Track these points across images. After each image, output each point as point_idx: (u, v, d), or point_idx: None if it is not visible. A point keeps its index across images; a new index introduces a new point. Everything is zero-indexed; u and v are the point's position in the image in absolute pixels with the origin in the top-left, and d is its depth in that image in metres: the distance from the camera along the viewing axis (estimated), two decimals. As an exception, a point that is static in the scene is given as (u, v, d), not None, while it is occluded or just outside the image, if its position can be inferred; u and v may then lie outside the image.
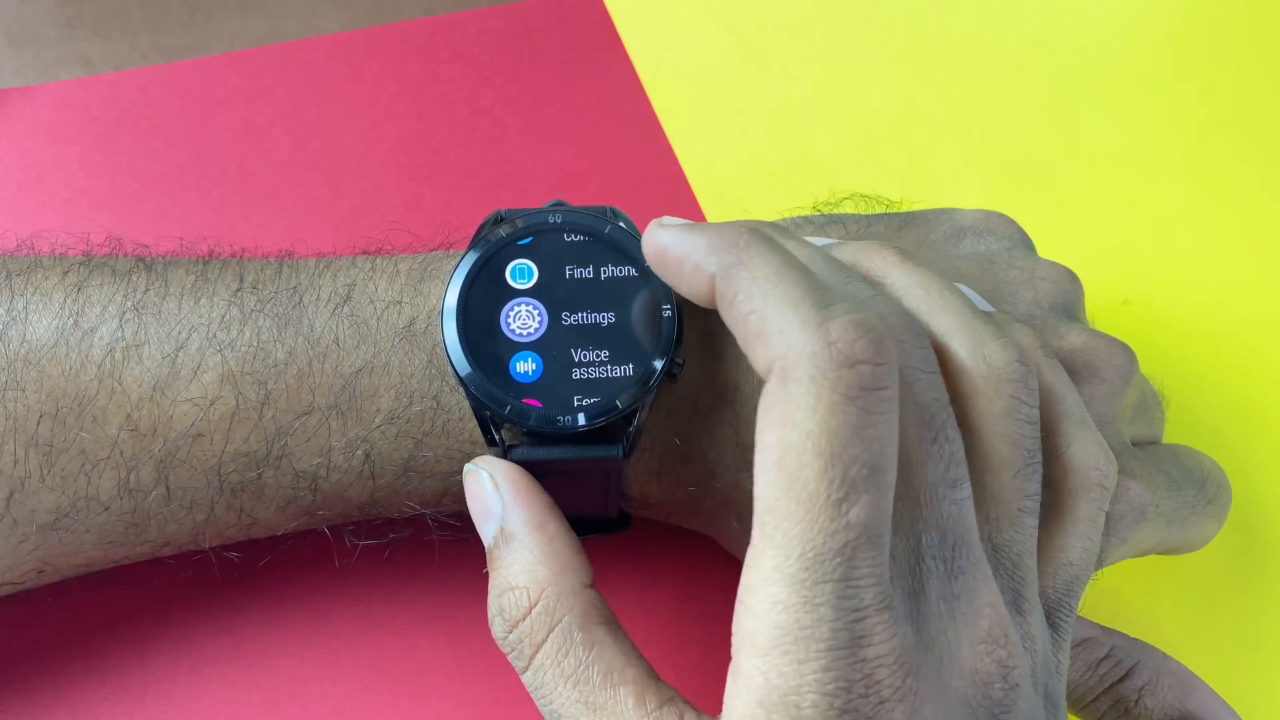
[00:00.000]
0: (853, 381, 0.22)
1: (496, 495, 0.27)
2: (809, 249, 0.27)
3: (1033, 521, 0.25)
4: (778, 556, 0.21)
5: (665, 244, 0.25)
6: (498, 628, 0.26)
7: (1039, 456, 0.25)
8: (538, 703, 0.25)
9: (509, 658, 0.26)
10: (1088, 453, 0.27)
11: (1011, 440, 0.25)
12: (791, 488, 0.21)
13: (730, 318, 0.24)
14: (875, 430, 0.22)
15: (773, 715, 0.21)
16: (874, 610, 0.21)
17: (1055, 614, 0.26)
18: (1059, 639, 0.26)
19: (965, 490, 0.24)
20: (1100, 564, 0.29)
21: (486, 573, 0.27)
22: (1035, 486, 0.25)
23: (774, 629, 0.21)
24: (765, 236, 0.25)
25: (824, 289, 0.23)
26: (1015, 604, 0.24)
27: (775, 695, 0.21)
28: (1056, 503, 0.26)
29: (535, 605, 0.25)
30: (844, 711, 0.21)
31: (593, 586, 0.26)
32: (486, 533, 0.27)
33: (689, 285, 0.25)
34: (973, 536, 0.23)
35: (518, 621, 0.25)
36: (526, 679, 0.25)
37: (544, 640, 0.25)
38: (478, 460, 0.27)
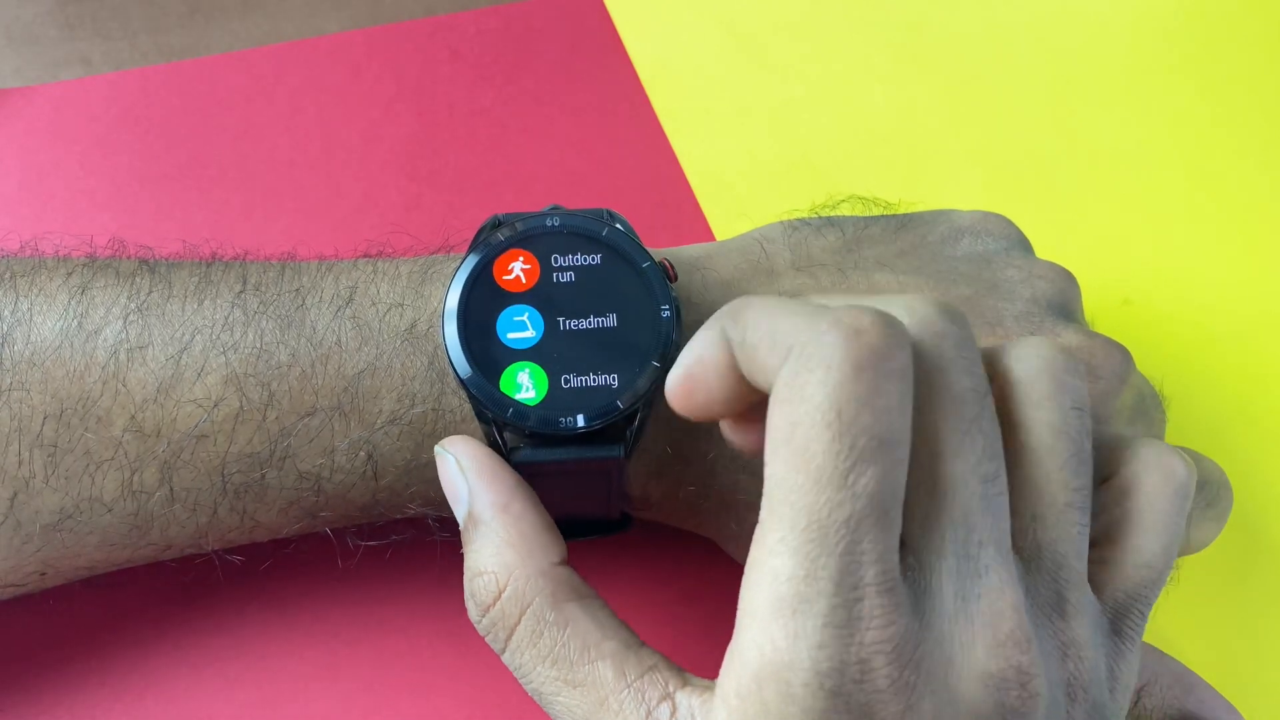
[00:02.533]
0: (861, 354, 0.21)
1: (462, 478, 0.27)
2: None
3: (1079, 518, 0.24)
4: (783, 529, 0.21)
5: (683, 360, 0.24)
6: (472, 612, 0.26)
7: (1088, 447, 0.24)
8: (520, 681, 0.25)
9: (486, 640, 0.26)
10: (1157, 450, 0.26)
11: (1057, 428, 0.24)
12: (799, 461, 0.21)
13: (746, 354, 0.23)
14: (884, 402, 0.21)
15: (765, 689, 0.21)
16: (874, 591, 0.21)
17: (1122, 619, 0.25)
18: (1122, 647, 0.24)
19: (998, 486, 0.23)
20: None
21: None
22: (1083, 480, 0.24)
23: (774, 601, 0.21)
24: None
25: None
26: (1057, 607, 0.23)
27: (769, 669, 0.21)
28: (1130, 501, 0.26)
29: (504, 589, 0.25)
30: (834, 694, 0.20)
31: (564, 563, 0.26)
32: (458, 514, 0.27)
33: (716, 374, 0.24)
34: (1003, 537, 0.23)
35: (489, 606, 0.26)
36: (506, 659, 0.26)
37: (517, 623, 0.25)
38: (445, 442, 0.27)
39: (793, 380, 0.22)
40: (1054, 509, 0.24)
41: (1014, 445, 0.24)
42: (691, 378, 0.24)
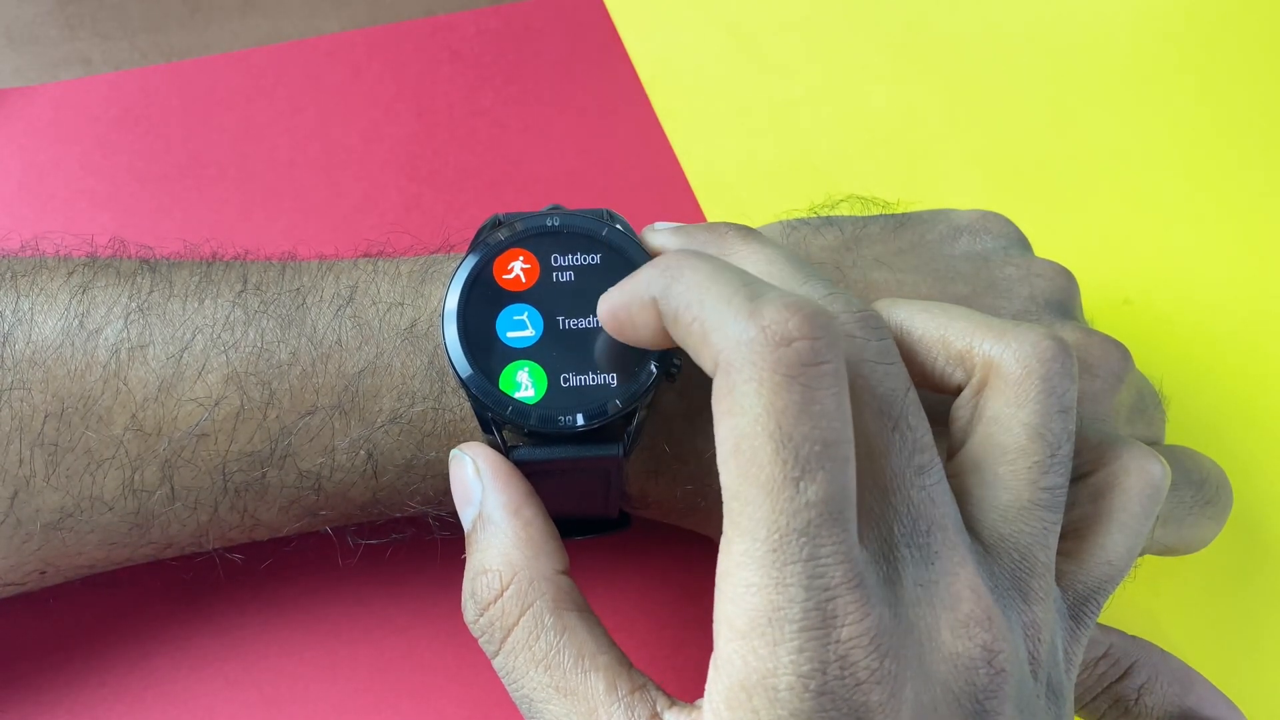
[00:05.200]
0: (791, 359, 0.21)
1: (477, 480, 0.27)
2: (777, 249, 0.27)
3: (1046, 514, 0.24)
4: (745, 541, 0.21)
5: (613, 299, 0.25)
6: (469, 611, 0.26)
7: (1066, 450, 0.25)
8: (509, 688, 0.25)
9: (480, 642, 0.26)
10: (1138, 453, 0.27)
11: (1035, 430, 0.24)
12: (749, 473, 0.21)
13: (679, 335, 0.24)
14: (822, 406, 0.21)
15: (753, 698, 0.21)
16: (844, 589, 0.21)
17: (1082, 608, 0.26)
18: (1078, 632, 0.25)
19: (934, 475, 0.23)
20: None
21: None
22: (1055, 480, 0.25)
23: (749, 612, 0.21)
24: (694, 252, 0.25)
25: (757, 283, 0.23)
26: (1020, 591, 0.24)
27: (754, 678, 0.21)
28: (1105, 500, 0.26)
29: (507, 588, 0.25)
30: (820, 693, 0.21)
31: (567, 573, 0.26)
32: (466, 517, 0.27)
33: (645, 327, 0.25)
34: (948, 521, 0.23)
35: (489, 604, 0.25)
36: (498, 663, 0.25)
37: (515, 624, 0.25)
38: (463, 446, 0.27)
39: (729, 390, 0.22)
40: (1018, 504, 0.24)
41: (987, 437, 0.25)
42: (618, 319, 0.25)
